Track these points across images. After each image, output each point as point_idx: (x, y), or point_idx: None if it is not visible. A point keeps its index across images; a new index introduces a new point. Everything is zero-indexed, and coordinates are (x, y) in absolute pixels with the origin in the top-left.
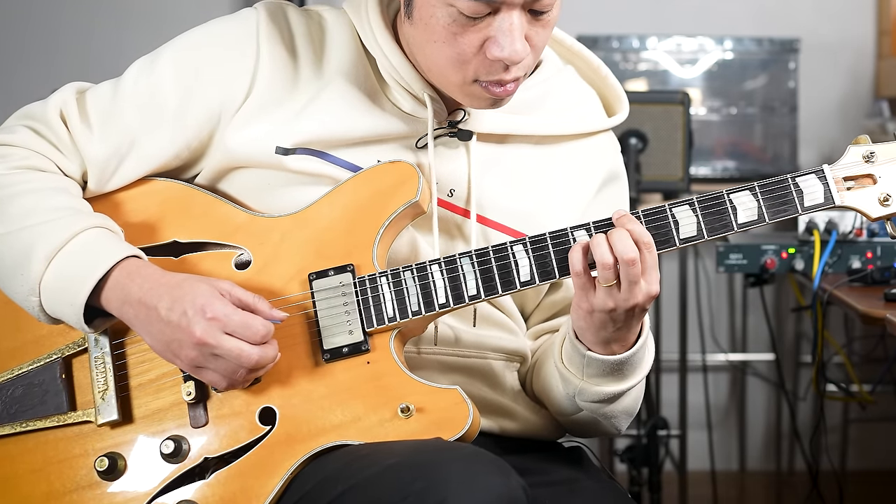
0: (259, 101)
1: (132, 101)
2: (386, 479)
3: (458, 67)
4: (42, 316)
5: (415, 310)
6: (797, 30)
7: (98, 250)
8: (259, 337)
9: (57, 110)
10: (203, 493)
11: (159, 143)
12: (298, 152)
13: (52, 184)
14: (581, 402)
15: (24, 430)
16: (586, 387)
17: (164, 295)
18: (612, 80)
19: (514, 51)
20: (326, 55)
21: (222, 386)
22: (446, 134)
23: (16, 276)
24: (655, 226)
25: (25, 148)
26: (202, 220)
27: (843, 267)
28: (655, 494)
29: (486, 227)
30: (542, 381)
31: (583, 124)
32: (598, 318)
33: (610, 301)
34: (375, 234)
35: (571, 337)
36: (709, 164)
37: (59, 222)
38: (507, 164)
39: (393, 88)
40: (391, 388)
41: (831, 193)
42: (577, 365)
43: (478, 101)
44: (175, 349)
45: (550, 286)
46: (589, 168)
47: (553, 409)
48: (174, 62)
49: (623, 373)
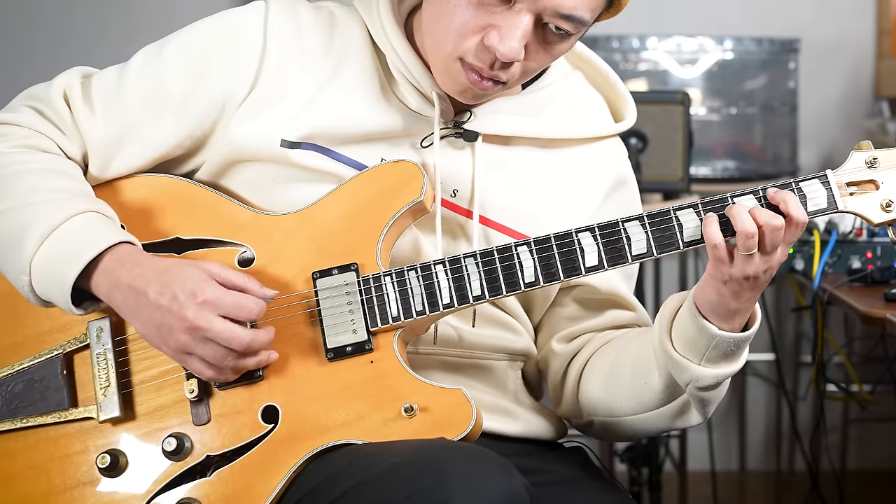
0: (265, 93)
1: (137, 87)
2: (390, 478)
3: (455, 38)
4: (32, 296)
5: (419, 309)
6: (797, 30)
7: (90, 234)
8: (253, 315)
9: (61, 92)
10: (205, 491)
11: (162, 129)
12: (304, 147)
13: (53, 165)
14: (694, 388)
15: (24, 426)
16: (703, 372)
17: (153, 280)
18: (620, 87)
19: (510, 47)
20: (335, 49)
21: (206, 375)
22: (452, 134)
23: (9, 254)
24: (659, 228)
25: (28, 128)
26: (205, 217)
27: (843, 267)
28: (655, 494)
29: (489, 228)
30: (612, 379)
31: (589, 129)
32: (733, 288)
33: (750, 268)
34: (379, 233)
35: (699, 319)
36: (709, 164)
37: (55, 203)
38: (512, 167)
39: (401, 84)
40: (394, 388)
41: (834, 199)
42: (699, 348)
43: (451, 82)
44: (164, 334)
45: (564, 295)
46: (595, 173)
47: (621, 410)
48: (180, 50)
49: (740, 351)
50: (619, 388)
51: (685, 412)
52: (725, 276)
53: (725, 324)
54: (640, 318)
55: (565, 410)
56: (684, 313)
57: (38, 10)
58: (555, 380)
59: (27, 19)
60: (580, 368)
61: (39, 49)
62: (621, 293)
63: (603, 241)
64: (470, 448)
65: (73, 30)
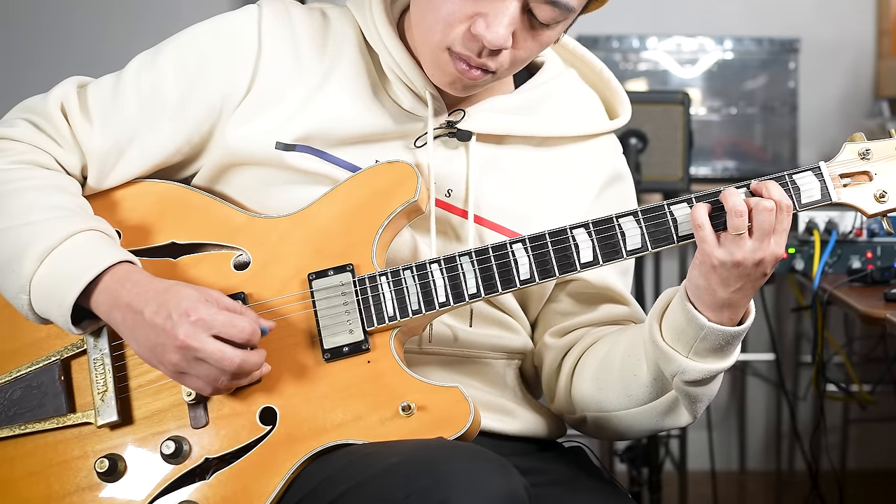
0: (260, 96)
1: (133, 94)
2: (389, 478)
3: (443, 27)
4: (31, 315)
5: (415, 309)
6: (797, 30)
7: (90, 253)
8: (245, 335)
9: (58, 104)
10: (204, 494)
11: (160, 136)
12: (298, 149)
13: (52, 182)
14: (681, 382)
15: (22, 432)
16: (690, 365)
17: (150, 299)
18: (615, 84)
19: (497, 34)
20: (328, 51)
21: (207, 392)
22: (445, 134)
23: (8, 272)
24: (654, 223)
25: (25, 142)
26: (200, 221)
27: (843, 267)
28: (655, 494)
29: (483, 227)
30: (602, 372)
31: (584, 126)
32: (721, 274)
33: (738, 252)
34: (374, 233)
35: (689, 308)
36: (709, 164)
37: (54, 222)
38: (506, 166)
39: (394, 84)
40: (392, 387)
41: (828, 190)
42: (687, 339)
43: (440, 73)
44: (159, 353)
45: (558, 290)
46: (589, 171)
47: (610, 404)
48: (176, 56)
49: (730, 348)
50: (608, 381)
51: (674, 410)
52: (713, 260)
53: (715, 315)
54: (635, 314)
55: (559, 406)
56: (675, 303)
57: (39, 10)
58: (548, 375)
59: (29, 19)
60: (573, 363)
61: (41, 49)
62: (615, 287)
63: (597, 236)
64: (468, 448)
65: (74, 30)
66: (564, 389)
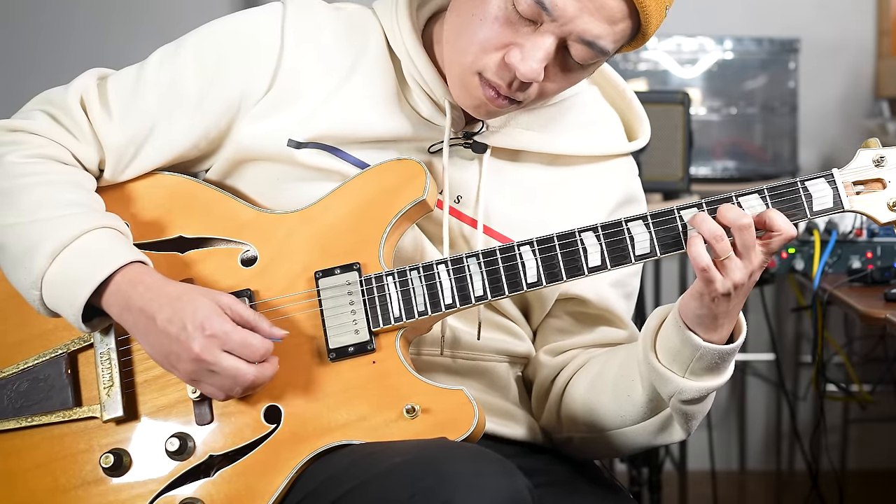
0: (279, 94)
1: (153, 88)
2: (393, 477)
3: (477, 51)
4: (42, 309)
5: (421, 310)
6: (797, 30)
7: (103, 252)
8: (258, 356)
9: (77, 96)
10: (208, 491)
11: (178, 130)
12: (310, 146)
13: (67, 177)
14: (678, 401)
15: (29, 424)
16: (687, 384)
17: (164, 306)
18: (636, 105)
19: (531, 67)
20: (351, 52)
21: (219, 398)
22: (461, 144)
23: (21, 267)
24: (663, 228)
25: (42, 136)
26: (208, 216)
27: (843, 267)
28: (655, 494)
29: (491, 238)
30: (594, 393)
31: (601, 146)
32: (721, 302)
33: (735, 275)
34: (382, 232)
35: (684, 330)
36: (709, 164)
37: (68, 219)
38: (518, 182)
39: (414, 91)
40: (397, 388)
41: (840, 198)
42: (683, 360)
43: (467, 96)
44: (173, 361)
45: (559, 306)
46: (603, 191)
47: (602, 424)
48: (197, 51)
49: (726, 364)
50: (601, 401)
51: (667, 427)
52: (714, 294)
53: (710, 334)
54: (632, 339)
55: (545, 423)
56: (669, 325)
57: (39, 10)
58: (539, 392)
59: (29, 19)
60: (564, 384)
61: (41, 49)
62: (615, 310)
63: (606, 240)
64: (473, 448)
65: (75, 30)
66: (554, 408)
